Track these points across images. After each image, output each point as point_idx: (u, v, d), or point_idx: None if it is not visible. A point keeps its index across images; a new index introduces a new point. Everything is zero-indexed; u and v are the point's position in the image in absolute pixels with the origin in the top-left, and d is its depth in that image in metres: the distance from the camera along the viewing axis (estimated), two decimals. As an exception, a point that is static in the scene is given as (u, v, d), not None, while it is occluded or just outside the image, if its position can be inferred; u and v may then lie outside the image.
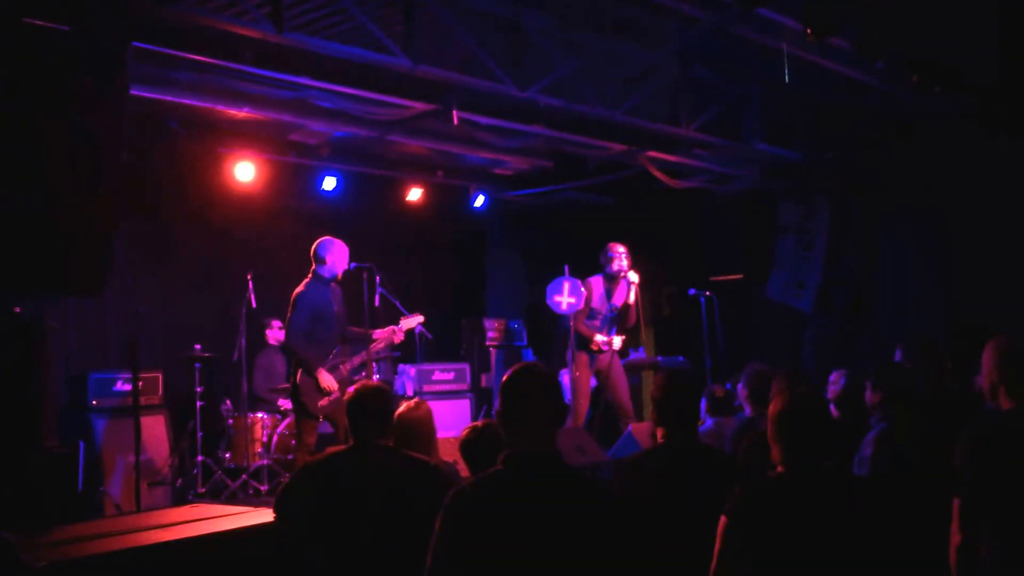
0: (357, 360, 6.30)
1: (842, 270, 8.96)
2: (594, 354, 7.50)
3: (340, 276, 6.24)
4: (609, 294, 7.57)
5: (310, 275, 6.19)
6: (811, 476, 2.72)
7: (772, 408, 2.81)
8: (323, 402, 5.97)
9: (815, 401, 2.88)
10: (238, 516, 4.79)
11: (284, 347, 8.07)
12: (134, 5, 4.84)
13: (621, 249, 7.56)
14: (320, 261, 6.18)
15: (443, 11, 5.88)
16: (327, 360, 6.12)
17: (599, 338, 7.44)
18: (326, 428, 6.34)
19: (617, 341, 7.55)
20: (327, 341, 6.14)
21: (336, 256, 6.18)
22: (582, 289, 7.55)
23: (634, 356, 8.34)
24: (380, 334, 6.36)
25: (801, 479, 2.71)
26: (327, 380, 6.00)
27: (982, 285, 7.66)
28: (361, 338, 6.34)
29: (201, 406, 7.19)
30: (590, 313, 7.52)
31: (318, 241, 6.25)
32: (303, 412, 6.02)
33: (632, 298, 7.55)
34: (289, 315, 6.09)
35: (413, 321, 6.56)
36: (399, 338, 6.39)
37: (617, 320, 7.60)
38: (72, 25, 4.61)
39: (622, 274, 7.51)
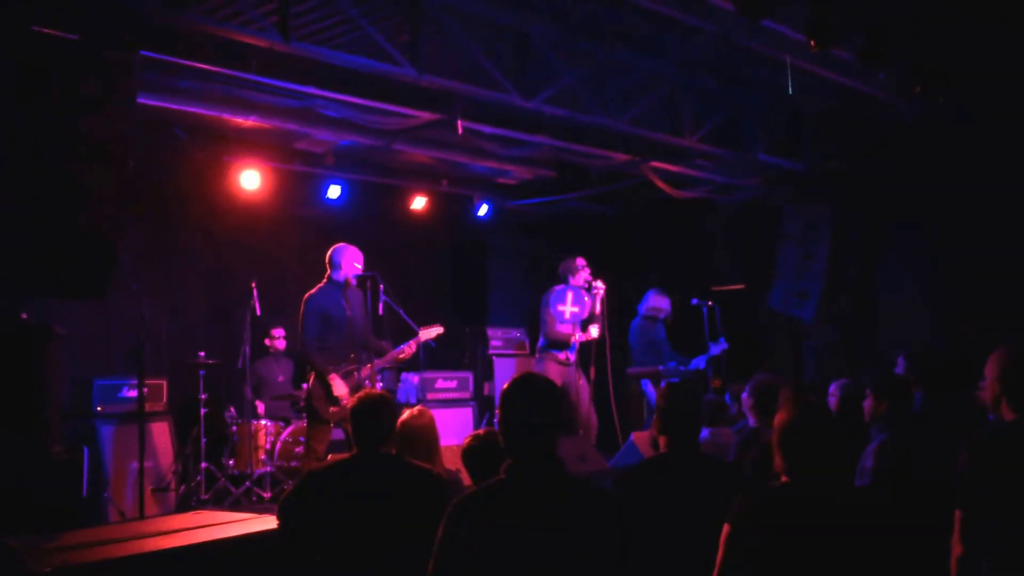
0: (379, 364, 6.30)
1: (844, 280, 8.96)
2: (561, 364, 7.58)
3: (354, 281, 6.24)
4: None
5: (324, 280, 6.22)
6: (814, 486, 2.73)
7: (778, 418, 2.82)
8: (335, 408, 5.97)
9: (822, 412, 2.89)
10: (241, 523, 4.81)
11: (295, 353, 8.10)
12: (142, 14, 4.88)
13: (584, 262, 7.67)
14: (333, 266, 6.21)
15: (449, 21, 5.92)
16: (340, 366, 6.10)
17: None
18: (338, 435, 6.34)
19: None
20: (338, 347, 6.12)
21: (347, 260, 6.19)
22: (585, 298, 7.58)
23: (632, 369, 8.34)
24: (405, 350, 6.37)
25: (804, 489, 2.73)
26: (339, 387, 5.99)
27: (984, 295, 7.66)
28: (378, 351, 6.32)
29: (205, 413, 7.20)
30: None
31: (333, 246, 6.28)
32: (315, 417, 6.03)
33: (598, 309, 7.61)
34: (300, 320, 6.10)
35: (433, 331, 6.58)
36: (409, 353, 6.41)
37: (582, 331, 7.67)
38: (80, 33, 4.65)
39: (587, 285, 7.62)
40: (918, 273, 8.51)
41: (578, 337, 7.55)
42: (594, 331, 7.61)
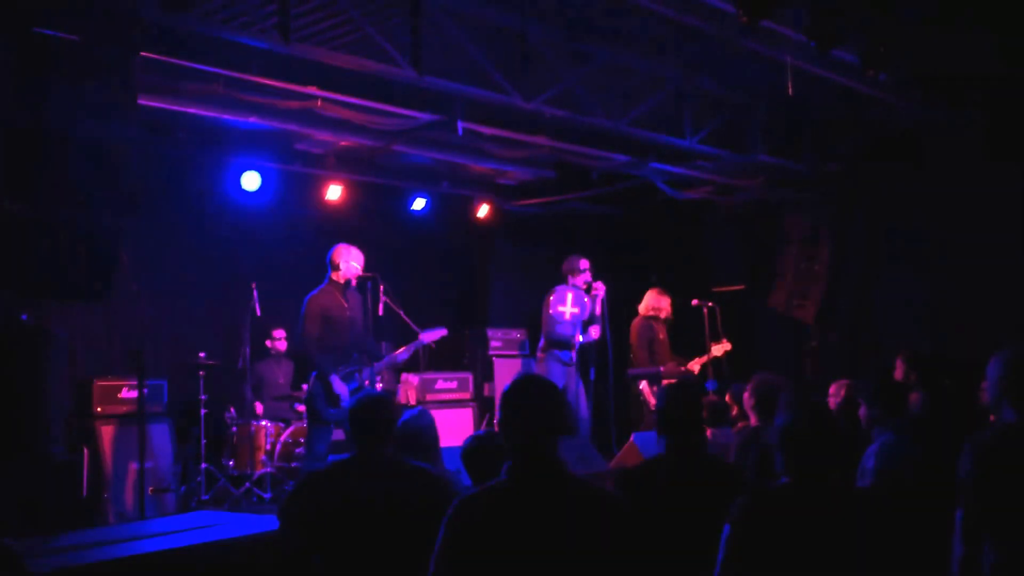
0: (379, 366, 6.31)
1: (845, 281, 8.96)
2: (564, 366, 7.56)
3: (355, 281, 6.24)
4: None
5: (325, 281, 6.22)
6: (815, 487, 2.73)
7: (780, 419, 2.82)
8: (334, 409, 5.97)
9: (823, 413, 2.90)
10: (242, 524, 4.81)
11: (295, 354, 8.11)
12: (143, 16, 4.88)
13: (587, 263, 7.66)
14: (334, 266, 6.22)
15: (449, 22, 5.92)
16: (340, 368, 6.10)
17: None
18: (339, 435, 6.34)
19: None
20: (339, 348, 6.13)
21: (346, 260, 6.20)
22: (585, 299, 7.58)
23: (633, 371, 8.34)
24: (400, 353, 6.39)
25: (805, 490, 2.73)
26: (339, 386, 6.00)
27: (985, 297, 7.66)
28: (374, 354, 6.32)
29: (205, 414, 7.20)
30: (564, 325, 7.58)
31: (334, 246, 6.29)
32: (315, 418, 6.03)
33: (598, 310, 7.60)
34: (301, 319, 6.10)
35: (436, 334, 6.59)
36: (403, 357, 6.42)
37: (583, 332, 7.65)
38: (81, 35, 4.65)
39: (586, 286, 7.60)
40: (918, 274, 8.51)
41: (580, 339, 7.55)
42: (594, 332, 7.61)
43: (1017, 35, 6.13)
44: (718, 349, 8.12)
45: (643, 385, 7.86)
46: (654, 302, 8.20)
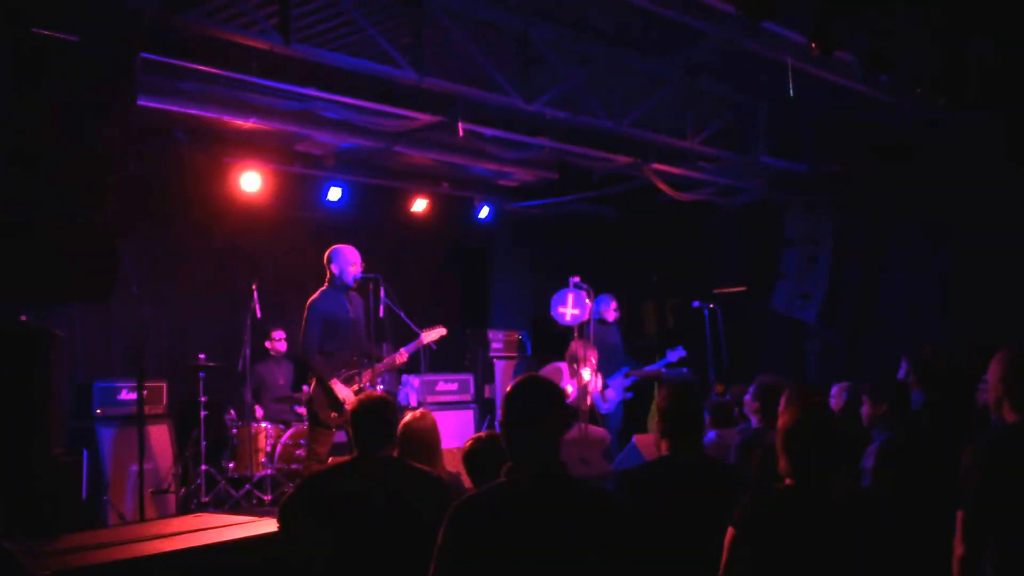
0: (380, 368, 6.28)
1: (847, 282, 8.96)
2: None
3: (354, 284, 6.20)
4: None
5: (326, 284, 6.20)
6: (818, 489, 2.72)
7: (782, 421, 2.82)
8: (336, 413, 5.94)
9: (825, 414, 2.89)
10: (242, 526, 4.80)
11: (296, 357, 8.09)
12: (143, 16, 4.88)
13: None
14: (332, 269, 6.18)
15: (450, 23, 5.91)
16: (342, 372, 6.08)
17: None
18: (340, 437, 6.32)
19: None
20: (341, 351, 6.10)
21: (343, 261, 6.17)
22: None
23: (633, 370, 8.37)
24: (404, 353, 6.37)
25: (808, 491, 2.72)
26: (342, 391, 5.97)
27: (986, 298, 7.65)
28: (372, 356, 6.30)
29: (205, 415, 7.19)
30: None
31: (330, 249, 6.26)
32: (316, 421, 6.01)
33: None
34: (302, 324, 6.08)
35: (435, 333, 6.56)
36: (402, 359, 6.38)
37: None
38: (81, 35, 4.64)
39: None
40: (920, 275, 8.50)
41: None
42: (595, 382, 7.58)
43: (1017, 35, 6.12)
44: (674, 354, 8.22)
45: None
46: (602, 306, 8.31)
